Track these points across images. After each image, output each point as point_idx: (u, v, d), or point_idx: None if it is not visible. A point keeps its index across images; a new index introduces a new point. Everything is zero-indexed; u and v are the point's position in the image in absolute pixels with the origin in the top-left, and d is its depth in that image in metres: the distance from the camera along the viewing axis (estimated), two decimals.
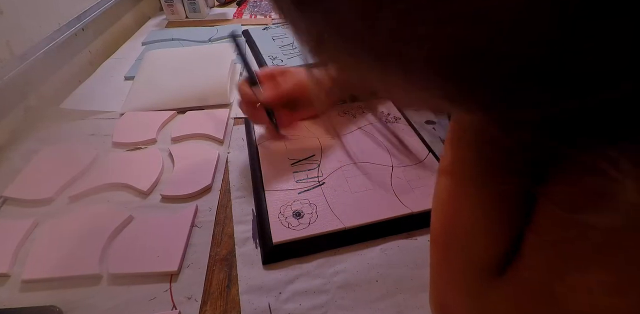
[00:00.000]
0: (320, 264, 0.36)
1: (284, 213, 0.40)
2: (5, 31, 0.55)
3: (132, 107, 0.58)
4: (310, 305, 0.33)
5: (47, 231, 0.39)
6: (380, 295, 0.34)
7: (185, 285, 0.35)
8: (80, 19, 0.72)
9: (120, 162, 0.48)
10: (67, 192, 0.44)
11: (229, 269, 0.36)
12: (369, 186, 0.43)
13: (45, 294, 0.35)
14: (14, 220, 0.41)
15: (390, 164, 0.45)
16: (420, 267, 0.36)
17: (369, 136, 0.50)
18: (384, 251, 0.37)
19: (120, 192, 0.45)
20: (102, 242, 0.38)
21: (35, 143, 0.52)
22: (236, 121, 0.56)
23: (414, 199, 0.40)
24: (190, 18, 0.92)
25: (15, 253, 0.38)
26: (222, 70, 0.63)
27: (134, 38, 0.83)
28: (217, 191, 0.44)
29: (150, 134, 0.52)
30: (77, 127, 0.55)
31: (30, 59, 0.58)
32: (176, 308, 0.33)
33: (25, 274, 0.35)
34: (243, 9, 0.97)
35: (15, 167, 0.48)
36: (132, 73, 0.67)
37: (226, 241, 0.39)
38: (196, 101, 0.59)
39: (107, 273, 0.36)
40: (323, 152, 0.48)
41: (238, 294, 0.34)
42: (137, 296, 0.34)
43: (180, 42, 0.79)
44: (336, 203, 0.41)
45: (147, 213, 0.42)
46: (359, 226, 0.38)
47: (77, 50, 0.74)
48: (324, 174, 0.44)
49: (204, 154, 0.49)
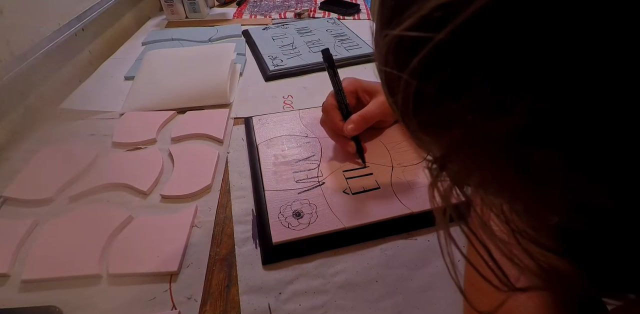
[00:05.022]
0: (320, 264, 0.36)
1: (283, 213, 0.40)
2: (5, 31, 0.55)
3: (132, 107, 0.58)
4: (310, 305, 0.33)
5: (47, 231, 0.39)
6: (380, 295, 0.34)
7: (185, 285, 0.35)
8: (80, 19, 0.71)
9: (120, 162, 0.48)
10: (67, 192, 0.44)
11: (229, 269, 0.36)
12: (369, 186, 0.43)
13: (45, 294, 0.35)
14: (14, 220, 0.41)
15: (390, 164, 0.45)
16: (420, 267, 0.36)
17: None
18: (384, 251, 0.37)
19: (120, 192, 0.45)
20: (102, 242, 0.38)
21: (35, 143, 0.52)
22: (236, 121, 0.56)
23: (414, 199, 0.40)
24: (190, 18, 0.92)
25: (15, 253, 0.38)
26: (222, 70, 0.63)
27: (134, 38, 0.83)
28: (217, 191, 0.44)
29: (150, 134, 0.52)
30: (77, 127, 0.55)
31: (30, 59, 0.58)
32: (176, 308, 0.33)
33: (25, 274, 0.35)
34: (243, 9, 0.97)
35: (15, 167, 0.48)
36: (132, 73, 0.67)
37: (226, 241, 0.39)
38: (196, 101, 0.59)
39: (107, 273, 0.36)
40: (323, 152, 0.48)
41: (238, 295, 0.34)
42: (137, 296, 0.34)
43: (180, 42, 0.79)
44: (336, 203, 0.41)
45: (147, 213, 0.42)
46: (359, 226, 0.38)
47: (77, 50, 0.74)
48: (324, 174, 0.44)
49: (203, 154, 0.49)
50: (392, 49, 0.14)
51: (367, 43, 0.75)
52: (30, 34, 0.60)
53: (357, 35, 0.79)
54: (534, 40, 0.10)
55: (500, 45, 0.11)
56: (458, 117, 0.13)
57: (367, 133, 0.49)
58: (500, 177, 0.14)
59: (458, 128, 0.14)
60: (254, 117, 0.55)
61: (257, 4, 0.99)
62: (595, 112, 0.11)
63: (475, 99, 0.12)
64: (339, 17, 0.89)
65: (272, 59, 0.71)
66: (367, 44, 0.74)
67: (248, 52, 0.75)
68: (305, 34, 0.81)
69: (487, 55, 0.11)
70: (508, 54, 0.11)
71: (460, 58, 0.12)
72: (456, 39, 0.11)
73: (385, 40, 0.14)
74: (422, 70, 0.13)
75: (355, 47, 0.73)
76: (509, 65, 0.11)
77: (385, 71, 0.15)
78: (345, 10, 0.91)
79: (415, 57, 0.13)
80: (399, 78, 0.14)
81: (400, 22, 0.13)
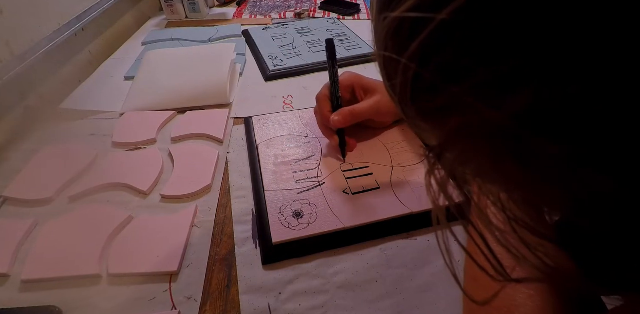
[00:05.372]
0: (320, 264, 0.36)
1: (283, 213, 0.40)
2: (5, 31, 0.55)
3: (132, 107, 0.58)
4: (310, 305, 0.33)
5: (47, 231, 0.39)
6: (380, 295, 0.34)
7: (185, 285, 0.35)
8: (80, 19, 0.71)
9: (120, 162, 0.48)
10: (67, 192, 0.44)
11: (229, 269, 0.36)
12: (369, 186, 0.43)
13: (45, 294, 0.35)
14: (14, 220, 0.41)
15: (390, 164, 0.45)
16: (419, 267, 0.36)
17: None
18: (383, 251, 0.37)
19: (120, 192, 0.45)
20: (102, 242, 0.38)
21: (35, 143, 0.52)
22: (236, 121, 0.56)
23: (414, 199, 0.40)
24: (190, 18, 0.92)
25: (15, 253, 0.38)
26: (222, 70, 0.63)
27: (134, 38, 0.83)
28: (217, 191, 0.44)
29: (150, 134, 0.52)
30: (77, 127, 0.55)
31: (30, 59, 0.58)
32: (176, 308, 0.33)
33: (25, 274, 0.35)
34: (243, 9, 0.97)
35: (15, 167, 0.48)
36: (132, 73, 0.67)
37: (226, 241, 0.39)
38: (196, 101, 0.59)
39: (107, 273, 0.36)
40: (323, 152, 0.48)
41: (238, 295, 0.34)
42: (137, 296, 0.34)
43: (180, 42, 0.79)
44: (336, 203, 0.41)
45: (147, 213, 0.42)
46: (359, 226, 0.38)
47: (77, 51, 0.74)
48: (324, 174, 0.44)
49: (203, 154, 0.49)
50: (391, 33, 0.14)
51: (367, 43, 0.75)
52: (30, 34, 0.60)
53: (357, 35, 0.79)
54: (537, 21, 0.10)
55: (502, 26, 0.11)
56: (457, 102, 0.13)
57: (367, 133, 0.49)
58: (499, 166, 0.14)
59: (457, 115, 0.13)
60: (254, 117, 0.55)
61: (257, 4, 0.99)
62: (598, 99, 0.10)
63: (476, 83, 0.12)
64: (339, 17, 0.89)
65: (272, 59, 0.71)
66: (367, 44, 0.74)
67: (248, 52, 0.75)
68: (305, 34, 0.81)
69: (489, 37, 0.11)
70: (511, 35, 0.11)
71: (461, 40, 0.12)
72: (458, 19, 0.11)
73: (385, 23, 0.14)
74: (421, 54, 0.13)
75: (355, 47, 0.73)
76: (512, 47, 0.11)
77: (384, 56, 0.15)
78: (345, 10, 0.91)
79: (414, 40, 0.12)
80: (397, 63, 0.13)
81: (399, 4, 0.13)
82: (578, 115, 0.11)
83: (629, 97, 0.10)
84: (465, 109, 0.13)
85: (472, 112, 0.12)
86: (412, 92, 0.14)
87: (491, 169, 0.15)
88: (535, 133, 0.12)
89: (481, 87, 0.12)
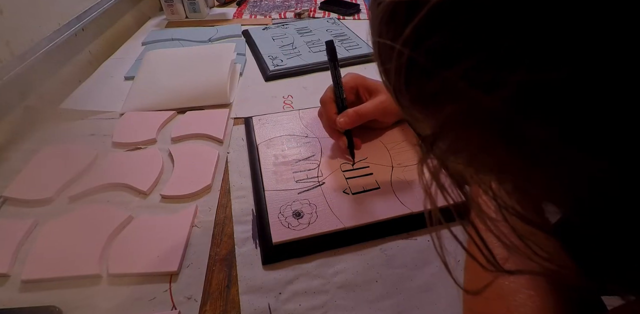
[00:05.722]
0: (320, 264, 0.36)
1: (283, 213, 0.40)
2: (5, 31, 0.55)
3: (132, 107, 0.58)
4: (310, 305, 0.33)
5: (47, 231, 0.39)
6: (379, 295, 0.34)
7: (185, 285, 0.35)
8: (80, 19, 0.71)
9: (120, 162, 0.48)
10: (67, 192, 0.44)
11: (229, 269, 0.36)
12: (369, 186, 0.43)
13: (45, 294, 0.35)
14: (14, 220, 0.41)
15: (390, 164, 0.45)
16: (419, 267, 0.36)
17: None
18: (383, 251, 0.37)
19: (120, 192, 0.45)
20: (102, 242, 0.38)
21: (35, 143, 0.52)
22: (236, 121, 0.56)
23: (414, 199, 0.40)
24: (190, 18, 0.92)
25: (15, 253, 0.38)
26: (222, 70, 0.63)
27: (134, 38, 0.83)
28: (217, 191, 0.44)
29: (150, 134, 0.52)
30: (77, 127, 0.55)
31: (30, 59, 0.58)
32: (176, 308, 0.33)
33: (25, 274, 0.35)
34: (243, 9, 0.97)
35: (15, 167, 0.48)
36: (132, 73, 0.67)
37: (226, 241, 0.39)
38: (196, 101, 0.59)
39: (107, 273, 0.36)
40: (323, 152, 0.48)
41: (238, 295, 0.34)
42: (137, 296, 0.34)
43: (180, 42, 0.79)
44: (336, 203, 0.41)
45: (147, 213, 0.42)
46: (359, 226, 0.38)
47: (77, 50, 0.74)
48: (324, 174, 0.44)
49: (203, 154, 0.49)
50: (385, 18, 0.14)
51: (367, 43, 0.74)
52: (30, 34, 0.60)
53: (357, 35, 0.79)
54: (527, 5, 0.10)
55: (494, 9, 0.11)
56: (450, 88, 0.13)
57: (367, 133, 0.49)
58: (492, 154, 0.14)
59: (450, 102, 0.13)
60: (254, 117, 0.55)
61: (257, 4, 0.99)
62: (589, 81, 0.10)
63: (468, 67, 0.12)
64: (339, 17, 0.89)
65: (272, 59, 0.71)
66: (367, 44, 0.74)
67: (248, 52, 0.75)
68: (305, 34, 0.81)
69: (480, 20, 0.11)
70: (501, 19, 0.11)
71: (455, 23, 0.12)
72: (452, 2, 0.11)
73: (380, 9, 0.14)
74: (415, 38, 0.13)
75: (355, 47, 0.73)
76: (502, 30, 0.11)
77: (379, 42, 0.15)
78: (345, 10, 0.91)
79: (408, 25, 0.13)
80: (392, 48, 0.14)
81: None
82: (568, 97, 0.11)
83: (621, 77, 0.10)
84: (458, 94, 0.13)
85: (464, 97, 0.13)
86: (406, 77, 0.14)
87: (483, 157, 0.15)
88: (526, 116, 0.12)
89: (473, 71, 0.12)
